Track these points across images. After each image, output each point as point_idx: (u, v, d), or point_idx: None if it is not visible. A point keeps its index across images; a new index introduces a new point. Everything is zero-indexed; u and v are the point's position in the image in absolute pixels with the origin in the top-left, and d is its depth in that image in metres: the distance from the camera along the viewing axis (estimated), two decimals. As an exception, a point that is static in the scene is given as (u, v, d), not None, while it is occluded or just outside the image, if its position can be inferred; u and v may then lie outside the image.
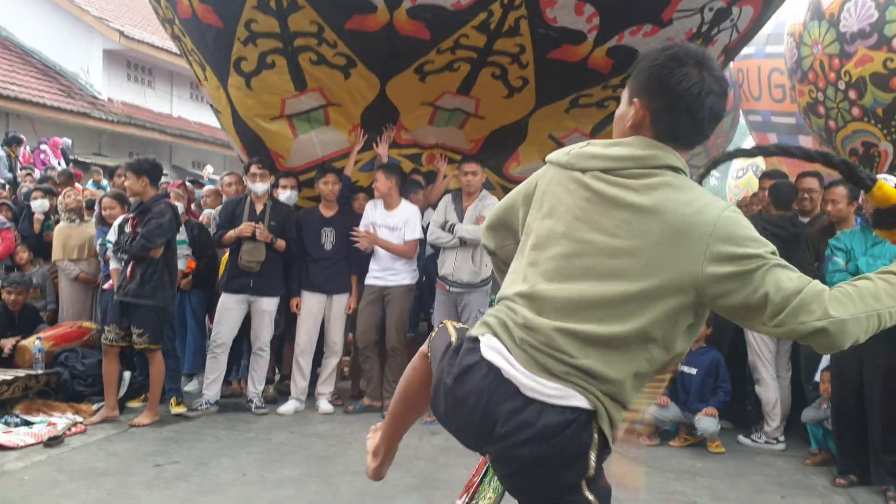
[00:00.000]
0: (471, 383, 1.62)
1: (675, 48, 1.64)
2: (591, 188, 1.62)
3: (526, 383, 1.56)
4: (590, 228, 1.60)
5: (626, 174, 1.61)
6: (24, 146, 11.74)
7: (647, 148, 1.62)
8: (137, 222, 5.18)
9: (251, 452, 4.69)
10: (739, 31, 5.88)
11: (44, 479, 4.13)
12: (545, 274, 1.63)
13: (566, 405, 1.54)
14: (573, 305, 1.58)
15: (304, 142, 5.99)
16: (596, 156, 1.66)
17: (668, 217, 1.54)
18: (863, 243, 4.38)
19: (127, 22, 17.80)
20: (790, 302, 1.48)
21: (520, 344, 1.60)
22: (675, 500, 4.10)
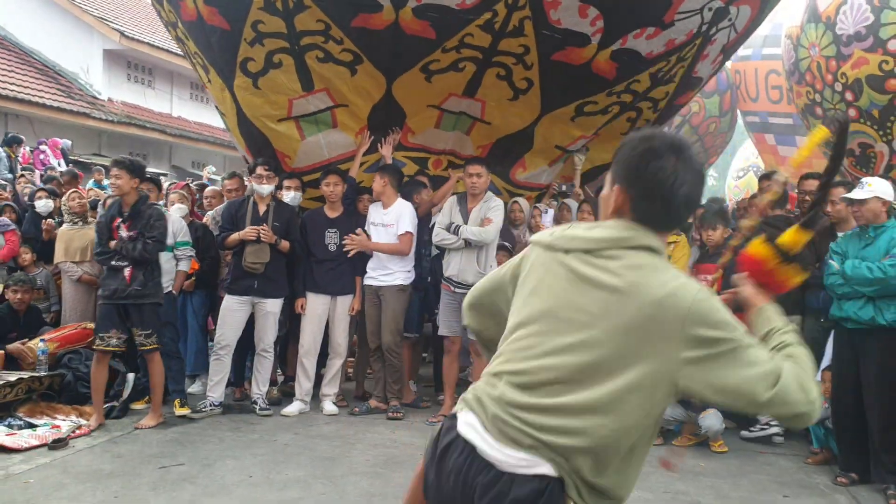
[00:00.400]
0: (450, 461, 1.70)
1: (654, 139, 1.68)
2: (573, 269, 1.68)
3: (496, 456, 1.63)
4: (570, 308, 1.65)
5: (605, 255, 1.65)
6: (24, 146, 11.75)
7: (625, 230, 1.67)
8: (129, 225, 5.13)
9: (256, 454, 4.71)
10: (737, 31, 5.92)
11: (49, 481, 4.15)
12: (524, 350, 1.68)
13: (534, 474, 1.59)
14: (548, 380, 1.62)
15: (312, 143, 6.02)
16: (577, 237, 1.72)
17: (642, 299, 1.58)
18: (856, 245, 4.44)
19: (127, 22, 17.80)
20: (772, 386, 1.54)
21: (492, 419, 1.66)
22: (679, 499, 4.13)
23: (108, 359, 5.24)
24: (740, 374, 1.54)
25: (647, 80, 5.79)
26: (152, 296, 5.20)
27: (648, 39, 5.36)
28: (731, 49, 6.31)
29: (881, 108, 7.83)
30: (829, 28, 8.10)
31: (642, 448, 1.68)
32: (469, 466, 1.66)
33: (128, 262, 5.11)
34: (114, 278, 5.14)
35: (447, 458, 1.71)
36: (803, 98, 8.89)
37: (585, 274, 1.65)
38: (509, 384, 1.66)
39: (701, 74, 6.22)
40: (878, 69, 7.65)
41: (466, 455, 1.67)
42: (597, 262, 1.65)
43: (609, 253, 1.65)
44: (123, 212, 5.18)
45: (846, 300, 4.36)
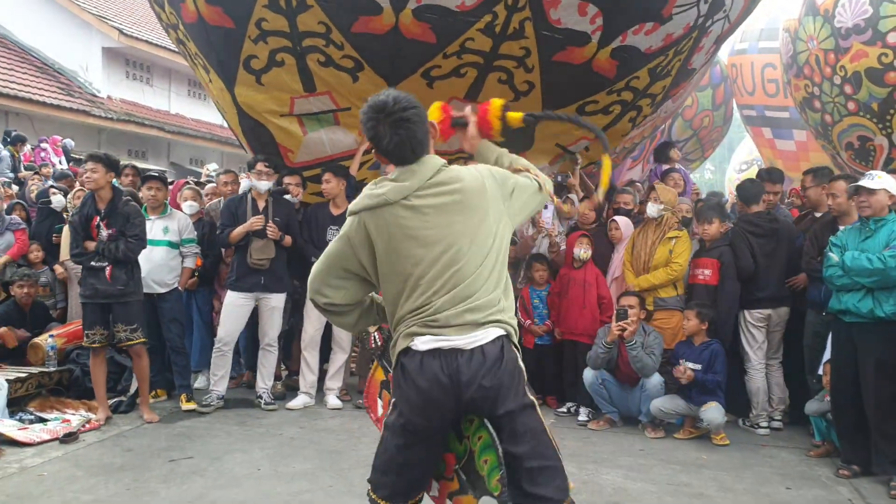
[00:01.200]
0: (426, 371, 2.18)
1: (373, 101, 2.33)
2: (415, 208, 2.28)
3: (463, 343, 2.17)
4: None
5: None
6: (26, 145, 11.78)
7: (414, 169, 2.30)
8: (107, 223, 5.09)
9: (264, 447, 4.76)
10: (731, 21, 6.01)
11: (62, 474, 4.20)
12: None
13: (493, 338, 2.20)
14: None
15: (314, 139, 6.06)
16: (403, 185, 2.30)
17: (472, 189, 2.29)
18: (856, 238, 4.48)
19: (126, 20, 17.79)
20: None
21: (443, 327, 2.18)
22: (683, 491, 4.18)
23: (103, 353, 5.25)
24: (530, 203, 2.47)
25: (647, 77, 5.83)
26: (134, 293, 5.19)
27: (647, 35, 5.41)
28: (723, 39, 6.37)
29: (880, 101, 7.88)
30: (828, 21, 8.14)
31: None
32: (445, 362, 2.16)
33: (107, 261, 5.06)
34: (94, 278, 5.09)
35: (422, 372, 2.17)
36: (801, 91, 8.94)
37: (439, 201, 2.24)
38: (440, 299, 2.20)
39: (695, 65, 6.28)
40: (878, 62, 7.70)
41: (438, 357, 2.17)
42: (426, 202, 2.24)
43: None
44: (100, 209, 5.13)
45: (845, 292, 4.40)
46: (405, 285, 2.23)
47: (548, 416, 5.69)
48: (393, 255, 2.23)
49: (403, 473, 2.29)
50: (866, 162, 8.30)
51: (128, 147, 17.23)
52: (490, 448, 2.21)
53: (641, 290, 5.53)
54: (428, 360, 2.17)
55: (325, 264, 2.36)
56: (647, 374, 5.23)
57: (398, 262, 2.23)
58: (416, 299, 2.21)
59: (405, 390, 2.20)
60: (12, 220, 6.73)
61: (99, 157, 5.16)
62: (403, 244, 2.22)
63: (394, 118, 2.23)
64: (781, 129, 12.88)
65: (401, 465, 2.27)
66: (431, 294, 2.20)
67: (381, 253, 2.25)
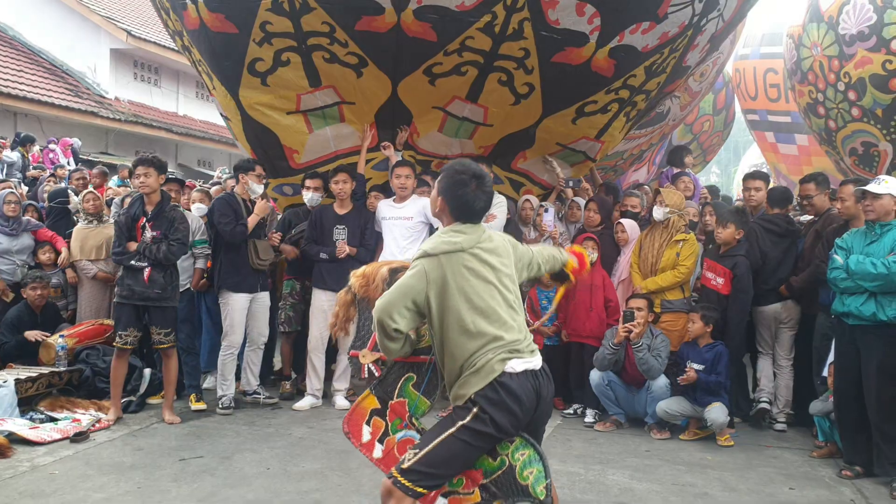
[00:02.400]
0: (524, 388, 2.64)
1: (466, 170, 2.76)
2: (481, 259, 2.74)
3: (537, 365, 2.71)
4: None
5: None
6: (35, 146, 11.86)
7: (477, 228, 2.79)
8: (152, 225, 5.20)
9: (273, 447, 4.81)
10: (725, 20, 6.06)
11: (74, 472, 4.26)
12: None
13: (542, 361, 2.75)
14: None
15: (319, 136, 6.13)
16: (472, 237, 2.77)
17: (502, 245, 2.83)
18: (861, 242, 4.52)
19: (134, 21, 17.88)
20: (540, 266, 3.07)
21: (522, 351, 2.68)
22: (687, 491, 4.22)
23: (127, 355, 5.35)
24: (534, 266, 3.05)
25: (643, 74, 5.89)
26: (171, 299, 5.30)
27: (644, 34, 5.46)
28: (718, 38, 6.42)
29: (885, 107, 7.90)
30: (832, 28, 8.17)
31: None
32: (535, 380, 2.67)
33: (147, 262, 5.16)
34: (133, 279, 5.18)
35: (521, 390, 2.61)
36: (805, 97, 8.96)
37: (488, 250, 2.74)
38: (514, 333, 2.68)
39: (690, 63, 6.34)
40: (882, 69, 7.72)
41: (529, 377, 2.64)
42: (485, 250, 2.72)
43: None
44: (147, 211, 5.23)
45: (848, 295, 4.44)
46: (482, 319, 2.63)
47: (554, 417, 5.78)
48: (467, 293, 2.63)
49: (455, 468, 2.66)
50: (870, 167, 8.32)
51: (135, 148, 17.24)
52: (537, 461, 2.63)
53: (649, 292, 5.58)
54: (523, 379, 2.63)
55: (400, 293, 2.67)
56: (653, 376, 5.27)
57: (471, 299, 2.63)
58: (497, 331, 2.63)
59: (507, 406, 2.58)
60: (30, 222, 6.76)
61: (151, 161, 5.23)
62: (476, 285, 2.64)
63: (487, 188, 2.77)
64: (784, 134, 12.93)
65: (459, 463, 2.65)
66: (501, 325, 2.65)
67: (454, 290, 2.63)
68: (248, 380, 5.89)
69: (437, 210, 2.82)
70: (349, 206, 6.00)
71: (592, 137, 6.34)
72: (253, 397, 5.86)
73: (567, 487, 4.16)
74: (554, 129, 6.12)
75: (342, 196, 5.95)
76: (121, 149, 16.32)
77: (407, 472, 2.58)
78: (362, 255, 5.89)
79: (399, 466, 2.61)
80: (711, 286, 5.49)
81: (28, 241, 6.65)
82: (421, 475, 2.57)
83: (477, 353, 2.61)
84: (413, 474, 2.57)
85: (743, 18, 6.98)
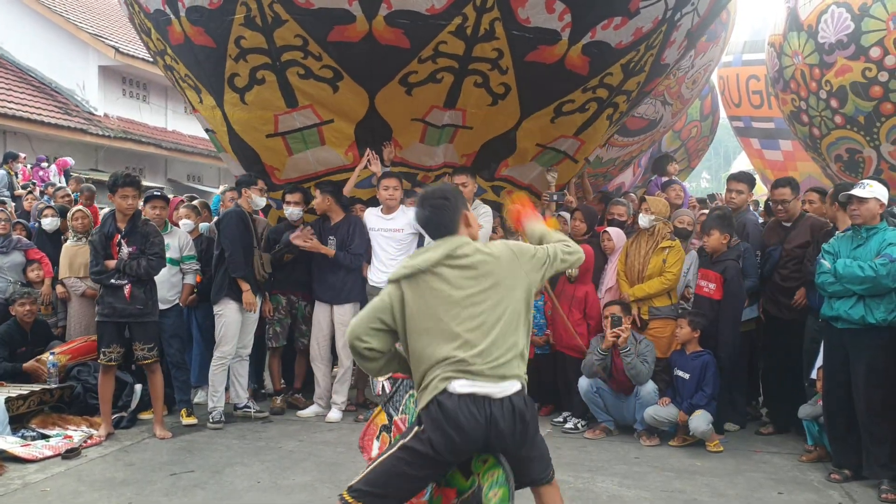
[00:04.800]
0: (462, 412, 2.54)
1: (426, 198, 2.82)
2: (445, 277, 2.70)
3: (494, 391, 2.57)
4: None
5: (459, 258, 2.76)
6: (22, 163, 11.82)
7: (445, 242, 2.77)
8: (127, 241, 5.18)
9: (263, 460, 4.82)
10: (700, 15, 6.09)
11: (65, 489, 4.27)
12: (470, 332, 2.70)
13: (517, 390, 2.62)
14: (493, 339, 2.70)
15: (299, 159, 6.15)
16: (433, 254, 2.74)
17: (493, 258, 2.74)
18: (848, 246, 4.56)
19: (122, 38, 17.92)
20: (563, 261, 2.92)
21: (478, 374, 2.57)
22: (676, 497, 4.25)
23: (113, 370, 5.34)
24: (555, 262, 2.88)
25: (620, 73, 5.91)
26: (152, 314, 5.32)
27: (616, 30, 5.49)
28: (695, 34, 6.45)
29: (866, 114, 7.99)
30: (812, 36, 8.26)
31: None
32: (486, 408, 2.54)
33: (127, 280, 5.15)
34: (114, 296, 5.18)
35: (461, 412, 2.52)
36: (789, 105, 9.05)
37: (462, 266, 2.68)
38: (472, 354, 2.58)
39: (668, 60, 6.37)
40: (862, 76, 7.81)
41: (475, 402, 2.53)
42: (453, 267, 2.67)
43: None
44: (120, 228, 5.21)
45: (837, 299, 4.48)
46: (436, 339, 2.61)
47: (544, 425, 5.81)
48: (425, 314, 2.63)
49: (397, 489, 2.63)
50: (856, 173, 8.40)
51: (125, 164, 17.28)
52: (503, 483, 2.57)
53: (636, 299, 5.62)
54: (465, 402, 2.54)
55: (367, 314, 2.74)
56: (641, 381, 5.31)
57: (429, 320, 2.62)
58: (450, 351, 2.58)
59: (442, 426, 2.53)
60: (21, 241, 6.74)
61: (138, 182, 5.26)
62: (435, 305, 2.63)
63: (427, 203, 2.80)
64: (768, 140, 13.08)
65: (400, 483, 2.61)
66: (459, 345, 2.58)
67: (414, 312, 2.64)
68: (236, 392, 5.90)
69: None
70: (340, 216, 6.02)
71: (570, 135, 6.37)
72: (244, 411, 5.86)
73: (557, 495, 4.18)
74: (533, 131, 6.13)
75: (320, 210, 5.99)
76: (111, 165, 16.31)
77: (352, 490, 2.62)
78: (343, 259, 5.88)
79: (350, 483, 2.66)
80: (704, 293, 5.51)
81: (19, 259, 6.63)
82: (362, 493, 2.59)
83: (428, 371, 2.62)
84: (356, 492, 2.61)
85: (720, 13, 7.00)
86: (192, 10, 5.48)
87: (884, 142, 8.09)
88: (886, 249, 4.34)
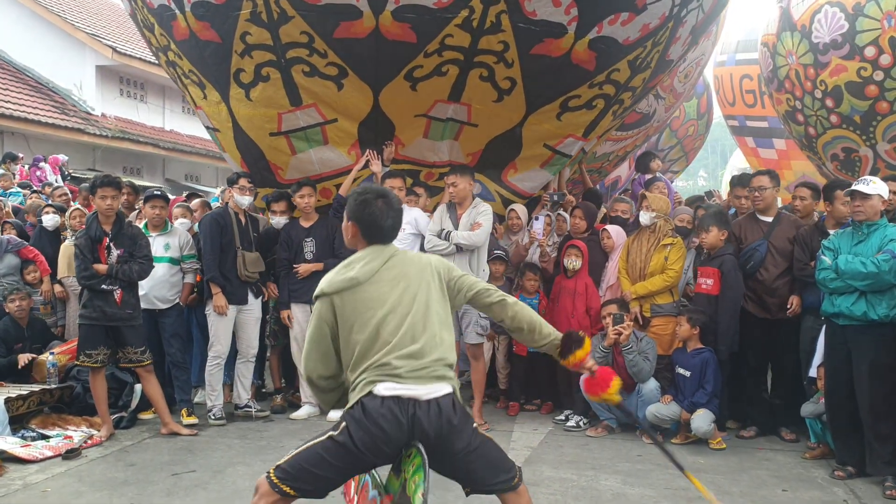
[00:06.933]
0: (381, 414, 2.56)
1: (367, 192, 2.80)
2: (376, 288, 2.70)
3: (420, 394, 2.59)
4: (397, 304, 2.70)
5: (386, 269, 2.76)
6: (20, 163, 11.80)
7: (382, 251, 2.79)
8: (115, 245, 5.13)
9: (265, 459, 4.79)
10: (705, 11, 6.09)
11: (66, 490, 4.24)
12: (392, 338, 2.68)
13: (444, 393, 2.63)
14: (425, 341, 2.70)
15: (302, 159, 6.12)
16: (356, 276, 2.71)
17: (414, 267, 2.80)
18: (848, 242, 4.55)
19: (119, 38, 17.90)
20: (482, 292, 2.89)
21: (406, 377, 2.60)
22: (680, 495, 4.24)
23: (103, 370, 5.27)
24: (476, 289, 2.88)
25: (627, 69, 5.89)
26: (139, 317, 5.29)
27: (623, 25, 5.47)
28: (699, 30, 6.43)
29: (862, 113, 7.97)
30: (805, 36, 8.23)
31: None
32: (411, 409, 2.56)
33: (118, 284, 5.09)
34: (103, 300, 5.10)
35: (382, 414, 2.54)
36: (783, 105, 9.03)
37: (392, 276, 2.72)
38: (399, 357, 2.60)
39: (672, 57, 6.36)
40: (857, 76, 7.78)
41: (399, 404, 2.56)
42: (384, 276, 2.71)
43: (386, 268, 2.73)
44: (107, 231, 5.14)
45: (838, 295, 4.47)
46: (365, 344, 2.64)
47: (545, 423, 5.79)
48: (355, 322, 2.66)
49: (317, 477, 2.62)
50: (852, 172, 8.39)
51: (123, 164, 17.28)
52: (420, 469, 2.56)
53: (638, 296, 5.61)
54: (388, 403, 2.57)
55: (311, 345, 2.76)
56: (643, 378, 5.30)
57: (359, 328, 2.65)
58: (378, 355, 2.62)
59: (363, 425, 2.56)
60: (12, 242, 6.69)
61: (118, 182, 5.23)
62: (364, 312, 2.66)
63: (395, 206, 2.81)
64: (762, 139, 13.11)
65: (321, 471, 2.61)
66: (389, 350, 2.61)
67: (346, 321, 2.67)
68: (238, 393, 5.88)
69: (350, 237, 2.85)
70: (314, 218, 6.00)
71: (579, 136, 6.36)
72: (245, 411, 5.84)
73: (559, 494, 4.18)
74: (539, 128, 6.10)
75: (307, 210, 5.96)
76: (108, 165, 16.28)
77: (277, 469, 2.64)
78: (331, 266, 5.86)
79: (276, 463, 2.68)
80: (703, 290, 5.49)
81: (13, 261, 6.59)
82: (287, 474, 2.61)
83: (357, 375, 2.65)
84: (281, 472, 2.62)
85: (723, 9, 7.00)
86: (198, 5, 5.46)
87: (880, 140, 8.08)
88: (888, 245, 4.34)
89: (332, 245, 5.90)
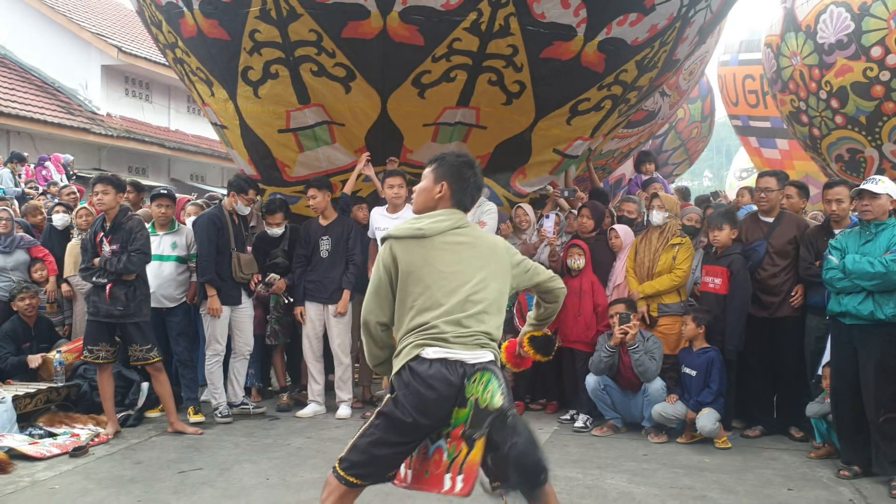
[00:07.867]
0: (433, 375, 2.57)
1: (466, 156, 2.86)
2: (447, 242, 2.72)
3: (467, 358, 2.59)
4: (460, 265, 2.71)
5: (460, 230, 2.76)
6: (26, 164, 11.85)
7: (456, 215, 2.79)
8: (111, 239, 5.13)
9: (271, 457, 4.82)
10: (713, 11, 6.09)
11: (74, 487, 4.26)
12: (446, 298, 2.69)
13: (489, 359, 2.65)
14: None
15: (310, 156, 6.14)
16: (435, 225, 2.73)
17: (486, 242, 2.81)
18: (856, 242, 4.54)
19: (124, 37, 17.95)
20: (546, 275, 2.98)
21: (452, 342, 2.60)
22: (686, 493, 4.24)
23: (109, 368, 5.29)
24: (535, 274, 2.94)
25: (634, 69, 5.88)
26: (138, 314, 5.18)
27: (632, 26, 5.47)
28: (706, 30, 6.43)
29: (868, 114, 7.95)
30: (810, 37, 8.21)
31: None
32: (451, 370, 2.56)
33: (107, 279, 5.08)
34: (98, 295, 5.13)
35: (434, 377, 2.55)
36: (787, 106, 9.01)
37: (459, 241, 2.72)
38: (448, 323, 2.62)
39: (679, 56, 6.36)
40: (863, 76, 7.77)
41: (447, 366, 2.56)
42: (451, 239, 2.71)
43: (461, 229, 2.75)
44: (106, 226, 5.17)
45: (845, 295, 4.46)
46: (418, 305, 2.65)
47: (550, 422, 5.80)
48: (413, 279, 2.66)
49: (380, 458, 2.62)
50: (857, 173, 8.38)
51: (128, 164, 17.34)
52: (492, 380, 2.57)
53: (646, 296, 5.61)
54: (437, 365, 2.56)
55: (372, 289, 2.76)
56: (649, 377, 5.30)
57: (415, 285, 2.66)
58: (429, 319, 2.62)
59: (412, 386, 2.56)
60: (24, 239, 6.72)
61: (109, 179, 5.22)
62: (425, 273, 2.66)
63: (480, 176, 2.87)
64: (765, 139, 13.12)
65: (382, 452, 2.60)
66: (440, 315, 2.62)
67: (404, 275, 2.67)
68: (234, 391, 5.90)
69: (438, 196, 2.79)
70: (333, 216, 6.01)
71: (587, 137, 6.36)
72: (241, 408, 5.86)
73: (565, 492, 4.17)
74: (549, 133, 6.09)
75: (318, 210, 5.95)
76: (114, 165, 16.33)
77: (342, 460, 2.64)
78: (346, 263, 5.88)
79: (340, 454, 2.67)
80: (710, 289, 5.48)
81: (23, 258, 6.62)
82: (351, 464, 2.61)
83: (405, 337, 2.66)
84: (345, 462, 2.63)
85: (731, 9, 7.00)
86: (206, 2, 5.49)
87: (886, 141, 8.06)
88: (896, 245, 4.33)
89: (347, 244, 5.91)
